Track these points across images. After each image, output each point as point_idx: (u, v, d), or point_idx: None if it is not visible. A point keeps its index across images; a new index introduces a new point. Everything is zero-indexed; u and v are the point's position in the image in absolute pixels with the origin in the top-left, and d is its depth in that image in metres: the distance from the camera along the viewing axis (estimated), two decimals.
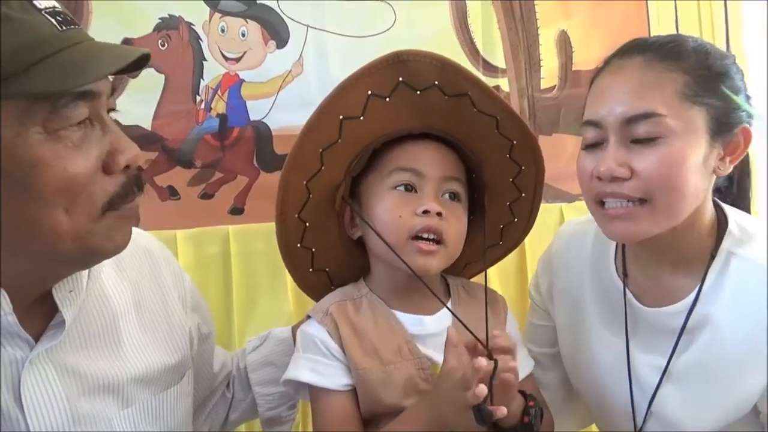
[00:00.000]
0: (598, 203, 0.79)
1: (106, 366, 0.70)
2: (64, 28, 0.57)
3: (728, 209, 0.84)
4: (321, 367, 0.79)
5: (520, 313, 1.25)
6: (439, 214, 0.78)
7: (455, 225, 0.81)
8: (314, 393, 0.80)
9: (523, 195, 0.89)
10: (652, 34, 1.45)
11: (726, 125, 0.76)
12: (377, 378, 0.77)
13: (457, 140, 0.83)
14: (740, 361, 0.78)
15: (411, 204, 0.79)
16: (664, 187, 0.74)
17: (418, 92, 0.79)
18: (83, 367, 0.68)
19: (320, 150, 0.80)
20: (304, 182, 0.81)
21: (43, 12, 0.57)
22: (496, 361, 0.68)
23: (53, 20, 0.57)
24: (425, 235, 0.78)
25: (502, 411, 0.66)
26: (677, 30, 1.46)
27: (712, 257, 0.80)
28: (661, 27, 1.44)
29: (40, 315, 0.66)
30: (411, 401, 0.77)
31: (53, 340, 0.66)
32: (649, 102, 0.74)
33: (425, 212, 0.78)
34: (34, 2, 0.57)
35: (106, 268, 0.73)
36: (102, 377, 0.69)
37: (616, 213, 0.77)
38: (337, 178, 0.83)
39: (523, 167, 0.86)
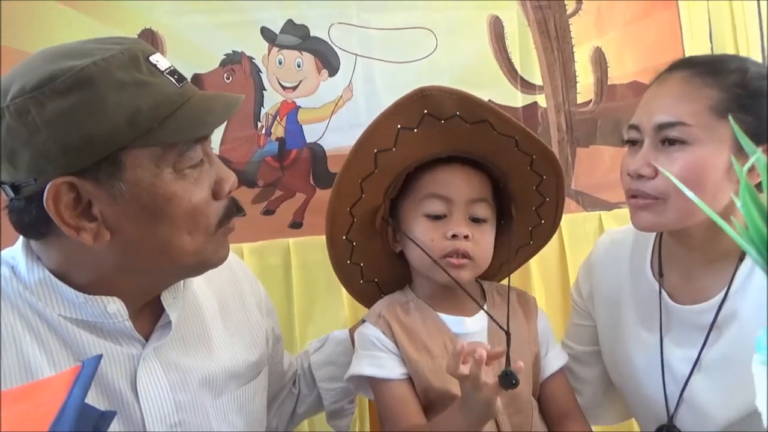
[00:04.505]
0: (629, 197, 0.87)
1: (200, 361, 0.81)
2: (180, 84, 0.70)
3: None
4: (379, 361, 0.88)
5: (563, 315, 1.32)
6: (466, 237, 0.87)
7: (482, 243, 0.90)
8: (376, 385, 0.89)
9: (547, 200, 0.97)
10: (685, 48, 1.50)
11: (755, 141, 0.81)
12: (428, 368, 0.86)
13: (481, 159, 0.92)
14: None
15: (441, 228, 0.89)
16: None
17: (443, 121, 0.88)
18: (182, 362, 0.79)
19: (359, 180, 0.90)
20: (348, 209, 0.92)
21: (165, 73, 0.69)
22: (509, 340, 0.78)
23: (172, 79, 0.69)
24: (455, 255, 0.88)
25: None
26: (711, 43, 1.50)
27: (741, 259, 0.86)
28: (694, 41, 1.49)
29: (147, 317, 0.78)
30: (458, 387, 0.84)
31: (161, 339, 0.78)
32: (680, 112, 0.82)
33: (454, 236, 0.87)
34: (158, 66, 0.69)
35: (196, 278, 0.84)
36: (197, 371, 0.80)
37: (638, 204, 0.86)
38: (376, 202, 0.93)
39: (544, 177, 0.94)
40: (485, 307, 0.93)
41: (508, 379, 0.73)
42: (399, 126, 0.87)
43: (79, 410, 0.43)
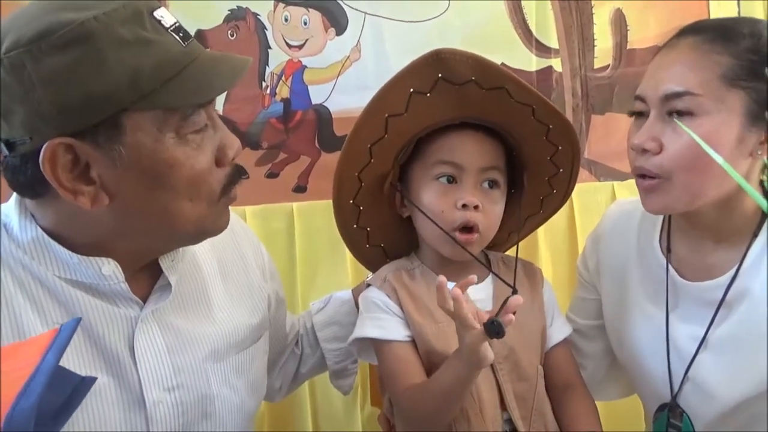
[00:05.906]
0: (635, 175, 0.84)
1: (200, 325, 0.80)
2: (185, 43, 0.66)
3: None
4: (383, 323, 0.87)
5: (570, 286, 1.28)
6: (476, 207, 0.85)
7: (491, 213, 0.88)
8: (380, 347, 0.88)
9: (561, 171, 0.94)
10: (711, 11, 1.43)
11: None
12: (431, 332, 0.86)
13: (496, 126, 0.89)
14: None
15: (452, 196, 0.86)
16: (686, 165, 0.78)
17: (457, 86, 0.84)
18: (181, 326, 0.78)
19: (369, 145, 0.87)
20: (356, 174, 0.89)
21: (169, 30, 0.66)
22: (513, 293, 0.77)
23: (177, 37, 0.66)
24: (463, 230, 0.86)
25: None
26: (739, 7, 1.43)
27: (755, 235, 0.82)
28: (721, 3, 1.42)
29: (144, 279, 0.77)
30: None
31: (159, 301, 0.76)
32: (688, 81, 0.78)
33: (464, 206, 0.85)
34: (162, 22, 0.65)
35: None
36: (197, 334, 0.79)
37: (644, 186, 0.82)
38: (385, 167, 0.91)
39: (559, 147, 0.91)
40: (490, 276, 0.91)
41: (492, 328, 0.72)
42: (411, 90, 0.84)
43: (52, 375, 0.42)
